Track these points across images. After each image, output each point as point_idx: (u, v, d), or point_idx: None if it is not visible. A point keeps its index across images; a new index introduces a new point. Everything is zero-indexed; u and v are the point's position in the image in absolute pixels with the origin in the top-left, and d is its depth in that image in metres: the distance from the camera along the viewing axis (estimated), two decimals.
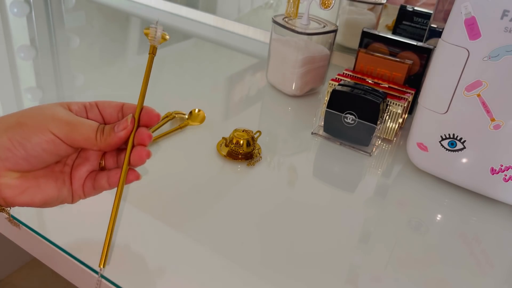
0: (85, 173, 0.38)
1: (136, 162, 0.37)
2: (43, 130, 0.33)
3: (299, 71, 0.72)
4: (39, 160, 0.34)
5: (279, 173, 0.57)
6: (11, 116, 0.34)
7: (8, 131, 0.33)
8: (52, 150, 0.34)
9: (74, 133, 0.34)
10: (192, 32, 1.04)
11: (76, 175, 0.38)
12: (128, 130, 0.36)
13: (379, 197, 0.56)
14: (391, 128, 0.65)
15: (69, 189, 0.37)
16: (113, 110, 0.39)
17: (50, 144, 0.34)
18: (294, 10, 0.72)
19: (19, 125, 0.33)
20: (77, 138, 0.35)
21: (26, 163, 0.34)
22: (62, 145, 0.34)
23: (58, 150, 0.35)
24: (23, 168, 0.34)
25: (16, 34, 0.93)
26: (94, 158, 0.38)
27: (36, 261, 1.27)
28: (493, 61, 0.48)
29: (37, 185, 0.35)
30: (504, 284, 0.45)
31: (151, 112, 0.38)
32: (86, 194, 0.38)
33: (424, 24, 0.78)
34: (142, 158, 0.37)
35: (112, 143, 0.36)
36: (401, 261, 0.46)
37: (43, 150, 0.34)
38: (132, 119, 0.37)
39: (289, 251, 0.45)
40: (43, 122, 0.34)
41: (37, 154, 0.34)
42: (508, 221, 0.53)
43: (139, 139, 0.37)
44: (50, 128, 0.34)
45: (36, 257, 0.47)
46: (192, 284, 0.40)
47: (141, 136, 0.37)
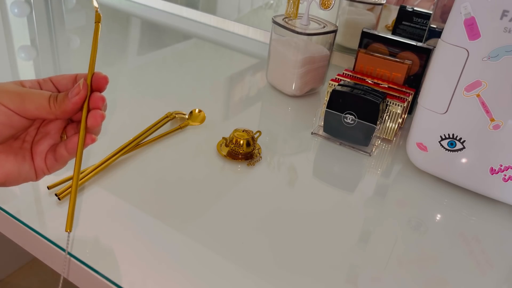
0: (46, 147, 0.38)
1: (92, 124, 0.37)
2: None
3: (299, 71, 0.72)
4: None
5: (279, 173, 0.57)
6: None
7: None
8: (5, 122, 0.34)
9: (25, 103, 0.34)
10: (192, 32, 1.04)
11: (37, 150, 0.38)
12: (82, 95, 0.37)
13: (379, 196, 0.56)
14: (391, 128, 0.65)
15: (30, 165, 0.37)
16: (67, 82, 0.39)
17: (3, 116, 0.34)
18: (294, 11, 0.72)
19: None
20: (29, 107, 0.35)
21: None
22: (14, 116, 0.34)
23: (12, 122, 0.35)
24: None
25: (17, 35, 0.93)
26: (54, 131, 0.39)
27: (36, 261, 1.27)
28: (492, 61, 0.48)
29: None
30: (503, 283, 0.45)
31: (99, 75, 0.39)
32: (49, 168, 0.38)
33: (423, 24, 0.78)
34: (97, 121, 0.37)
35: (67, 109, 0.36)
36: (401, 261, 0.46)
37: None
38: (85, 84, 0.37)
39: (289, 251, 0.45)
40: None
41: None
42: (507, 220, 0.53)
43: (93, 103, 0.37)
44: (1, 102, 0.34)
45: (36, 257, 0.47)
46: (192, 283, 0.40)
47: (94, 99, 0.37)
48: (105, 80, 0.39)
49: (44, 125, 0.38)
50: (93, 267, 0.41)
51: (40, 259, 0.46)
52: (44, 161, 0.38)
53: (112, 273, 0.40)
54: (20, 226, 0.45)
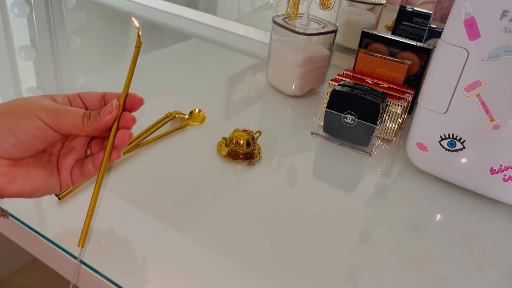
0: (72, 161, 0.39)
1: (120, 143, 0.39)
2: (32, 117, 0.35)
3: (299, 71, 0.72)
4: (28, 146, 0.35)
5: (279, 173, 0.57)
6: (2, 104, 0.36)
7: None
8: (41, 136, 0.36)
9: (61, 120, 0.36)
10: (192, 32, 1.04)
11: (63, 164, 0.39)
12: (113, 114, 0.38)
13: (379, 196, 0.56)
14: (391, 128, 0.65)
15: (57, 178, 0.39)
16: (95, 99, 0.40)
17: (39, 130, 0.35)
18: (294, 11, 0.72)
19: (7, 113, 0.35)
20: (65, 124, 0.36)
21: (16, 149, 0.35)
22: (50, 131, 0.36)
23: (47, 136, 0.36)
24: (13, 155, 0.35)
25: (17, 35, 0.93)
26: (79, 147, 0.40)
27: (36, 261, 1.27)
28: (492, 62, 0.48)
29: (27, 173, 0.36)
30: (503, 283, 0.45)
31: (135, 97, 0.40)
32: (74, 181, 0.40)
33: (423, 24, 0.78)
34: (125, 140, 0.39)
35: (99, 127, 0.37)
36: (401, 261, 0.46)
37: (32, 136, 0.35)
38: (117, 104, 0.39)
39: (289, 251, 0.45)
40: (31, 109, 0.35)
41: (27, 140, 0.35)
42: (507, 220, 0.53)
43: (124, 122, 0.39)
44: (38, 115, 0.35)
45: (36, 257, 0.47)
46: (192, 283, 0.40)
47: (125, 119, 0.39)
48: (140, 102, 0.40)
49: (69, 140, 0.40)
50: (93, 267, 0.41)
51: (40, 259, 0.46)
52: (70, 175, 0.39)
53: (112, 272, 0.40)
54: (20, 226, 0.45)
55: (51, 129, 0.36)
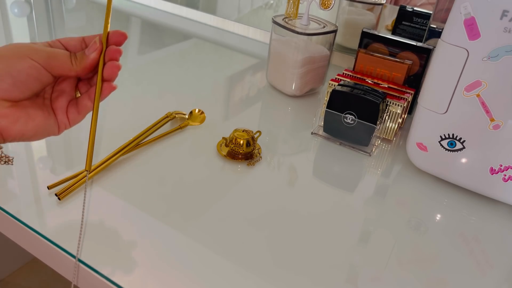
0: (65, 103, 0.42)
1: (109, 75, 0.41)
2: (24, 58, 0.37)
3: (299, 71, 0.72)
4: (25, 86, 0.38)
5: (279, 173, 0.57)
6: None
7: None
8: (35, 75, 0.38)
9: (51, 60, 0.38)
10: (192, 32, 1.04)
11: (57, 106, 0.41)
12: (99, 50, 0.41)
13: (379, 196, 0.56)
14: (391, 128, 0.65)
15: (54, 120, 0.41)
16: (76, 43, 0.42)
17: (32, 69, 0.37)
18: (294, 11, 0.72)
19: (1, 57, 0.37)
20: (55, 64, 0.39)
21: (15, 89, 0.37)
22: (42, 70, 0.38)
23: (40, 75, 0.38)
24: (12, 95, 0.37)
25: (17, 35, 0.93)
26: (69, 89, 0.42)
27: (36, 261, 1.27)
28: (492, 62, 0.48)
29: (27, 114, 0.39)
30: (503, 283, 0.45)
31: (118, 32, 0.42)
32: (71, 121, 0.42)
33: (423, 24, 0.78)
34: (114, 71, 0.41)
35: (86, 65, 0.40)
36: (401, 261, 0.46)
37: (28, 75, 0.37)
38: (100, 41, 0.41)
39: (289, 251, 0.45)
40: (22, 51, 0.37)
41: (23, 79, 0.37)
42: (507, 220, 0.53)
43: (110, 55, 0.41)
44: (29, 56, 0.37)
45: (36, 257, 0.47)
46: (192, 283, 0.40)
47: (111, 52, 0.41)
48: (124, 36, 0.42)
49: (58, 84, 0.42)
50: (93, 267, 0.41)
51: (40, 259, 0.46)
52: (66, 115, 0.42)
53: (112, 272, 0.40)
54: (20, 226, 0.45)
55: (44, 69, 0.38)
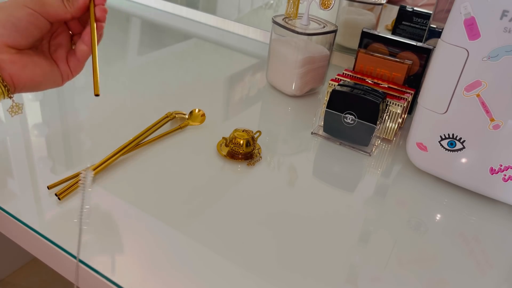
0: (63, 54, 0.46)
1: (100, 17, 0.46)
2: (22, 7, 0.41)
3: (299, 71, 0.72)
4: (27, 32, 0.41)
5: (279, 173, 0.57)
6: None
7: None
8: (34, 22, 0.41)
9: (46, 6, 0.42)
10: (192, 32, 1.04)
11: (57, 57, 0.45)
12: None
13: (379, 196, 0.56)
14: (391, 128, 0.65)
15: (57, 69, 0.45)
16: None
17: (31, 16, 0.41)
18: (294, 11, 0.72)
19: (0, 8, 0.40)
20: (50, 9, 0.42)
21: (18, 35, 0.40)
22: (40, 17, 0.42)
23: (39, 22, 0.42)
24: (17, 41, 0.41)
25: None
26: (65, 42, 0.46)
27: (36, 261, 1.27)
28: (492, 62, 0.48)
29: (33, 61, 0.42)
30: (503, 283, 0.45)
31: None
32: (73, 70, 0.46)
33: (423, 24, 0.78)
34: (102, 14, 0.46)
35: (79, 5, 0.44)
36: (401, 261, 0.46)
37: (28, 22, 0.41)
38: None
39: (289, 251, 0.45)
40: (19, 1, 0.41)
41: (24, 26, 0.41)
42: (507, 220, 0.53)
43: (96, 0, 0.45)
44: (26, 4, 0.41)
45: (36, 257, 0.47)
46: (192, 283, 0.40)
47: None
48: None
49: (54, 38, 0.45)
50: (93, 267, 0.41)
51: (40, 259, 0.46)
52: (67, 64, 0.46)
53: (112, 272, 0.40)
54: (20, 226, 0.45)
55: (41, 16, 0.41)
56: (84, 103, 0.69)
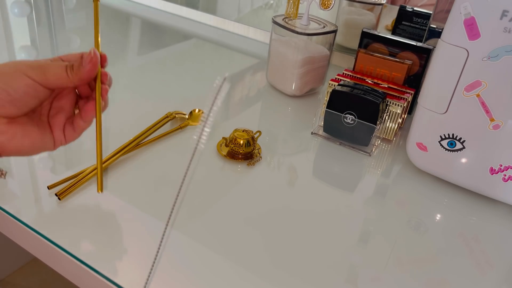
0: (63, 120, 0.42)
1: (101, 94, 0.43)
2: (20, 76, 0.38)
3: (299, 71, 0.72)
4: (22, 103, 0.38)
5: (279, 173, 0.57)
6: None
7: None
8: (32, 93, 0.38)
9: (47, 74, 0.39)
10: (192, 32, 1.04)
11: (54, 123, 0.42)
12: (94, 60, 0.42)
13: (379, 196, 0.56)
14: (391, 128, 0.65)
15: (50, 136, 0.41)
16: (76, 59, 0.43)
17: (29, 87, 0.38)
18: (294, 11, 0.72)
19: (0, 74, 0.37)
20: (51, 77, 0.39)
21: (12, 106, 0.38)
22: (39, 87, 0.39)
23: (37, 93, 0.39)
24: (10, 112, 0.38)
25: (17, 35, 0.93)
26: (68, 106, 0.43)
27: (36, 261, 1.27)
28: (492, 62, 0.48)
29: (24, 130, 0.39)
30: (503, 283, 0.45)
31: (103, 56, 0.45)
32: (67, 138, 0.43)
33: (423, 24, 0.78)
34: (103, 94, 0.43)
35: (83, 76, 0.41)
36: (401, 261, 0.46)
37: (24, 93, 0.38)
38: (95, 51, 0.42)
39: (289, 251, 0.45)
40: (18, 69, 0.38)
41: (20, 97, 0.38)
42: (507, 220, 0.53)
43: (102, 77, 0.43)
44: (25, 73, 0.38)
45: (36, 257, 0.47)
46: (192, 282, 0.40)
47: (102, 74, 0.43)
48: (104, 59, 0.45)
49: (57, 100, 0.42)
50: (93, 267, 0.41)
51: (40, 259, 0.46)
52: (63, 133, 0.42)
53: (112, 272, 0.40)
54: (20, 226, 0.45)
55: (40, 85, 0.38)
56: None
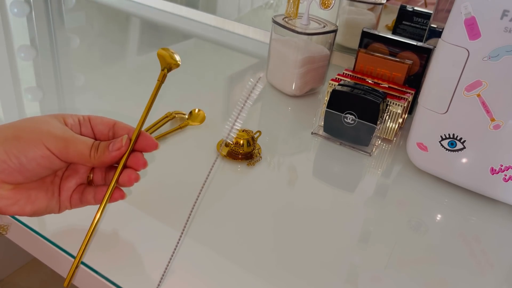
0: (73, 185, 0.39)
1: (125, 183, 0.38)
2: (39, 145, 0.34)
3: (299, 71, 0.72)
4: (33, 173, 0.35)
5: (279, 173, 0.57)
6: (8, 128, 0.35)
7: (4, 143, 0.34)
8: (46, 165, 0.35)
9: (68, 150, 0.35)
10: (192, 32, 1.04)
11: (64, 186, 0.39)
12: (122, 151, 0.37)
13: (379, 197, 0.56)
14: (391, 128, 0.65)
15: (57, 200, 0.38)
16: (104, 128, 0.39)
17: (44, 159, 0.34)
18: (294, 10, 0.72)
19: (16, 138, 0.34)
20: (72, 154, 0.35)
21: (20, 175, 0.34)
22: (55, 160, 0.35)
23: (52, 165, 0.35)
24: (17, 180, 0.35)
25: (16, 34, 0.93)
26: (83, 171, 0.39)
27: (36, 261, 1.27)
28: (493, 61, 0.48)
29: (28, 196, 0.36)
30: (504, 284, 0.45)
31: (149, 140, 0.39)
32: (72, 205, 0.40)
33: (424, 24, 0.78)
34: (131, 181, 0.38)
35: (105, 161, 0.37)
36: (401, 261, 0.46)
37: (38, 165, 0.34)
38: (127, 141, 0.38)
39: (289, 251, 0.45)
40: (39, 136, 0.34)
41: (32, 168, 0.34)
42: (508, 220, 0.53)
43: (134, 162, 0.38)
44: (45, 144, 0.34)
45: (36, 257, 0.47)
46: (191, 283, 0.40)
47: (136, 160, 0.38)
48: (154, 147, 0.39)
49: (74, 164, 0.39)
50: (93, 267, 0.40)
51: (40, 259, 0.46)
52: (69, 199, 0.39)
53: (112, 273, 0.40)
54: (20, 226, 0.45)
55: (57, 158, 0.35)
56: (84, 103, 0.69)
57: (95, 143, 0.37)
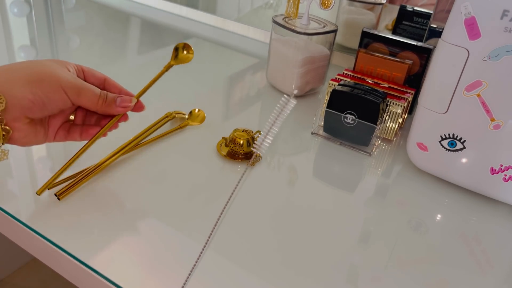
0: (59, 122, 0.45)
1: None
2: (59, 90, 0.41)
3: (299, 71, 0.72)
4: (49, 111, 0.41)
5: (279, 173, 0.57)
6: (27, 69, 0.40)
7: (31, 85, 0.39)
8: (60, 106, 0.42)
9: (81, 96, 0.42)
10: (192, 32, 1.04)
11: (52, 123, 0.45)
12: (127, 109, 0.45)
13: (379, 197, 0.56)
14: (391, 128, 0.65)
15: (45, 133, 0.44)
16: (95, 81, 0.46)
17: (61, 102, 0.41)
18: (294, 10, 0.72)
19: (39, 81, 0.40)
20: (83, 100, 0.42)
21: (40, 112, 0.41)
22: (69, 103, 0.42)
23: (65, 106, 0.42)
24: (35, 116, 0.41)
25: (16, 34, 0.93)
26: (68, 111, 0.46)
27: (36, 261, 1.27)
28: (493, 61, 0.48)
29: (35, 130, 0.42)
30: (504, 284, 0.45)
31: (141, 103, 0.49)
32: (56, 139, 0.46)
33: (424, 24, 0.78)
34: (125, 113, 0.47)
35: (110, 112, 0.44)
36: (401, 261, 0.46)
37: (56, 106, 0.41)
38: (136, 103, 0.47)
39: (289, 251, 0.45)
40: (58, 82, 0.41)
41: (51, 107, 0.41)
42: (508, 221, 0.53)
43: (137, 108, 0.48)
44: (65, 90, 0.41)
45: (36, 257, 0.47)
46: (191, 283, 0.40)
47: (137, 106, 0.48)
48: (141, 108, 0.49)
49: None
50: (93, 267, 0.40)
51: (40, 259, 0.46)
52: (54, 134, 0.45)
53: (112, 273, 0.40)
54: (20, 226, 0.45)
55: (70, 101, 0.42)
56: None
57: (102, 93, 0.43)
